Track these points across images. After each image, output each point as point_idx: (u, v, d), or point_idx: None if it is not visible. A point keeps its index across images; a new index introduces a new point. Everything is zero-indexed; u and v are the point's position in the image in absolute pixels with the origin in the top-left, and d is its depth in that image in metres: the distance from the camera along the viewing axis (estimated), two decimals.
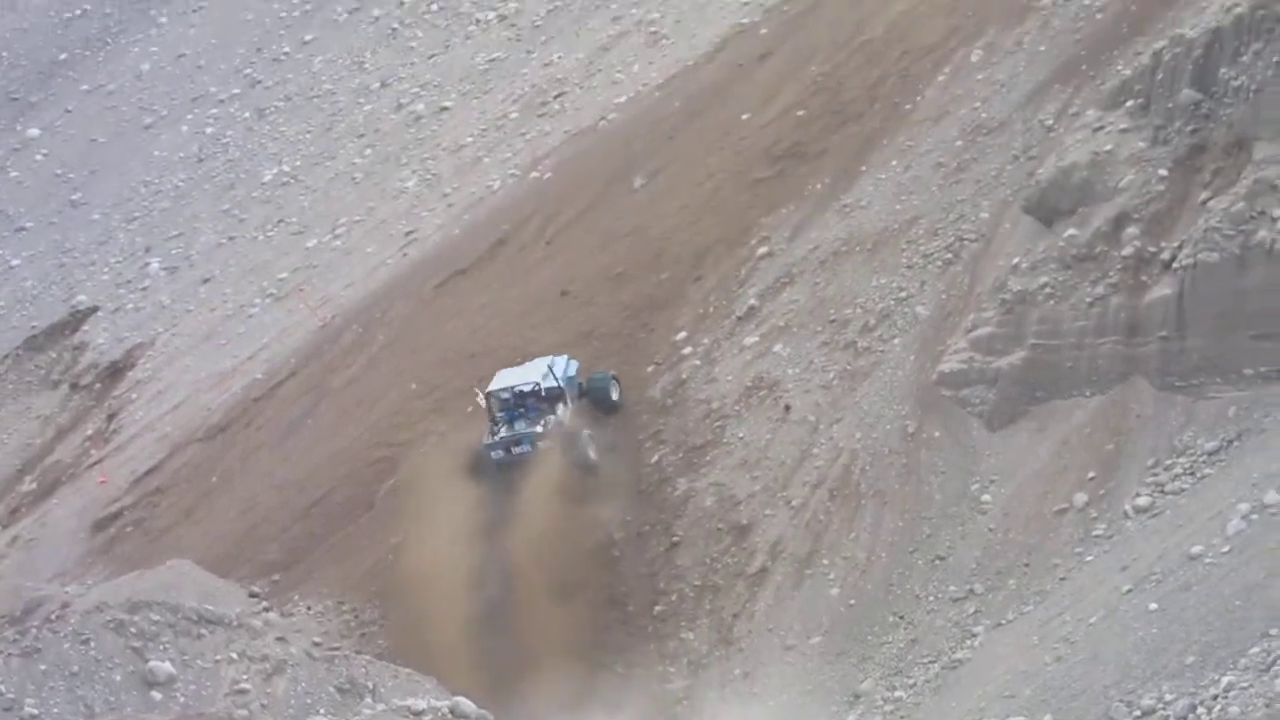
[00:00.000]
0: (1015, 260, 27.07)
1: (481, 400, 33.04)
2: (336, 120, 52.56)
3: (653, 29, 46.32)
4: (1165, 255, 24.70)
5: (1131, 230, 25.33)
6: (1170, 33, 26.22)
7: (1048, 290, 26.07)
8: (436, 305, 39.07)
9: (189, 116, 56.77)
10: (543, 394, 32.79)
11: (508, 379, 33.42)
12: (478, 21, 52.48)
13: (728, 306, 32.54)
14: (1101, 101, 27.42)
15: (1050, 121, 29.63)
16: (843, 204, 32.44)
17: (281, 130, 53.62)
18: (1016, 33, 32.72)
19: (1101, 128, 26.82)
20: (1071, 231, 26.20)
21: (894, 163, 32.38)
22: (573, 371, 33.80)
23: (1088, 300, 25.54)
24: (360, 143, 50.79)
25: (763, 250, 33.06)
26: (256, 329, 44.54)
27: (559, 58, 48.26)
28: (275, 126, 53.95)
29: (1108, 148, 26.32)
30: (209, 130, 55.66)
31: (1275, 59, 22.62)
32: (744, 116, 37.64)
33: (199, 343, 45.68)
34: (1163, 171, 25.36)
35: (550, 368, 33.16)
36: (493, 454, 32.29)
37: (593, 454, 32.39)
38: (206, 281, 48.54)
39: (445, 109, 49.61)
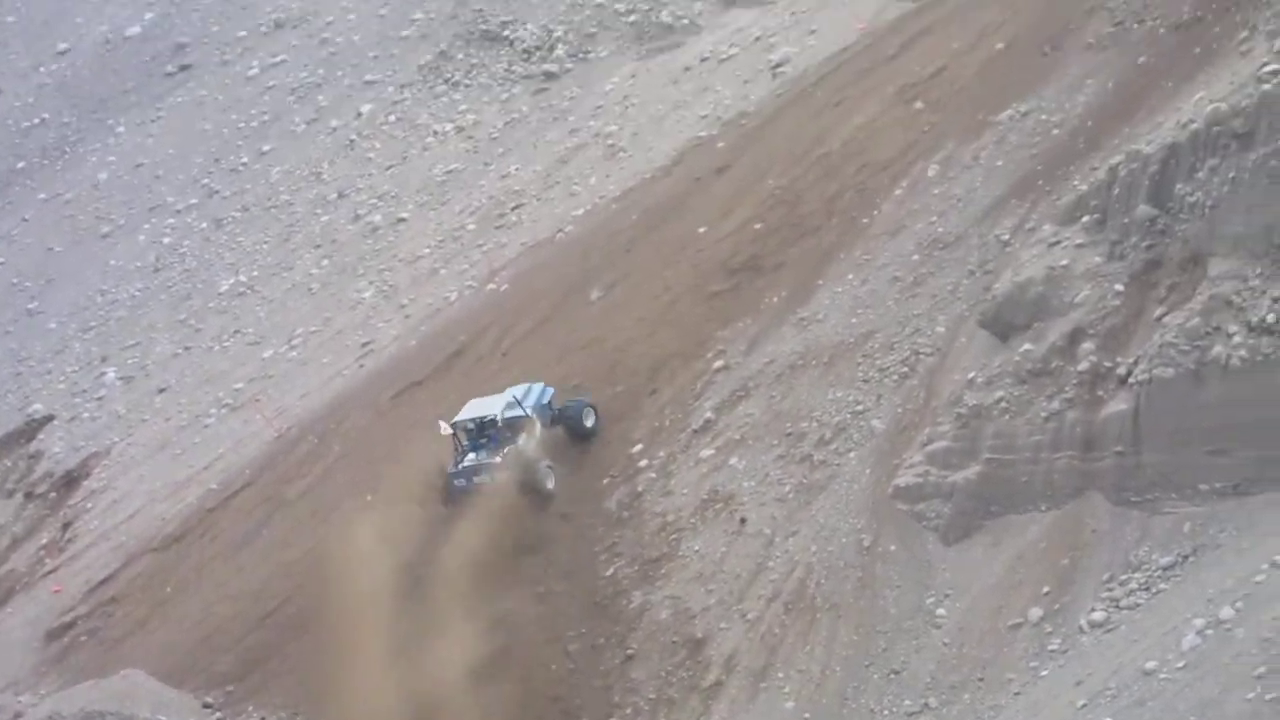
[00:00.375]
0: (971, 375, 27.03)
1: (446, 430, 33.68)
2: (294, 231, 52.49)
3: (610, 142, 46.64)
4: (1121, 370, 24.68)
5: (1087, 345, 25.31)
6: (1126, 148, 26.33)
7: (1003, 405, 26.02)
8: (392, 416, 38.90)
9: (146, 226, 56.58)
10: (501, 423, 33.56)
11: (473, 409, 34.34)
12: (435, 133, 52.72)
13: (684, 419, 32.42)
14: (1058, 217, 27.48)
15: (1007, 236, 29.74)
16: (799, 317, 32.45)
17: (239, 240, 53.46)
18: (973, 147, 32.98)
19: (1058, 243, 26.86)
20: (1027, 346, 26.18)
21: (851, 276, 32.44)
22: (546, 399, 34.70)
23: (1043, 415, 25.48)
24: (317, 253, 50.67)
25: (719, 363, 33.02)
26: (212, 439, 44.18)
27: (516, 170, 48.50)
28: (232, 236, 53.81)
29: (1064, 263, 26.35)
30: (166, 240, 55.45)
31: (1231, 175, 22.70)
32: (701, 229, 37.82)
33: (154, 452, 45.25)
34: (1118, 287, 25.37)
35: (516, 397, 34.04)
36: (455, 482, 33.05)
37: (549, 484, 33.19)
38: (162, 391, 48.15)
39: (402, 220, 49.67)
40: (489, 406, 34.37)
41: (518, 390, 34.72)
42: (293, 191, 54.29)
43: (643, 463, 32.24)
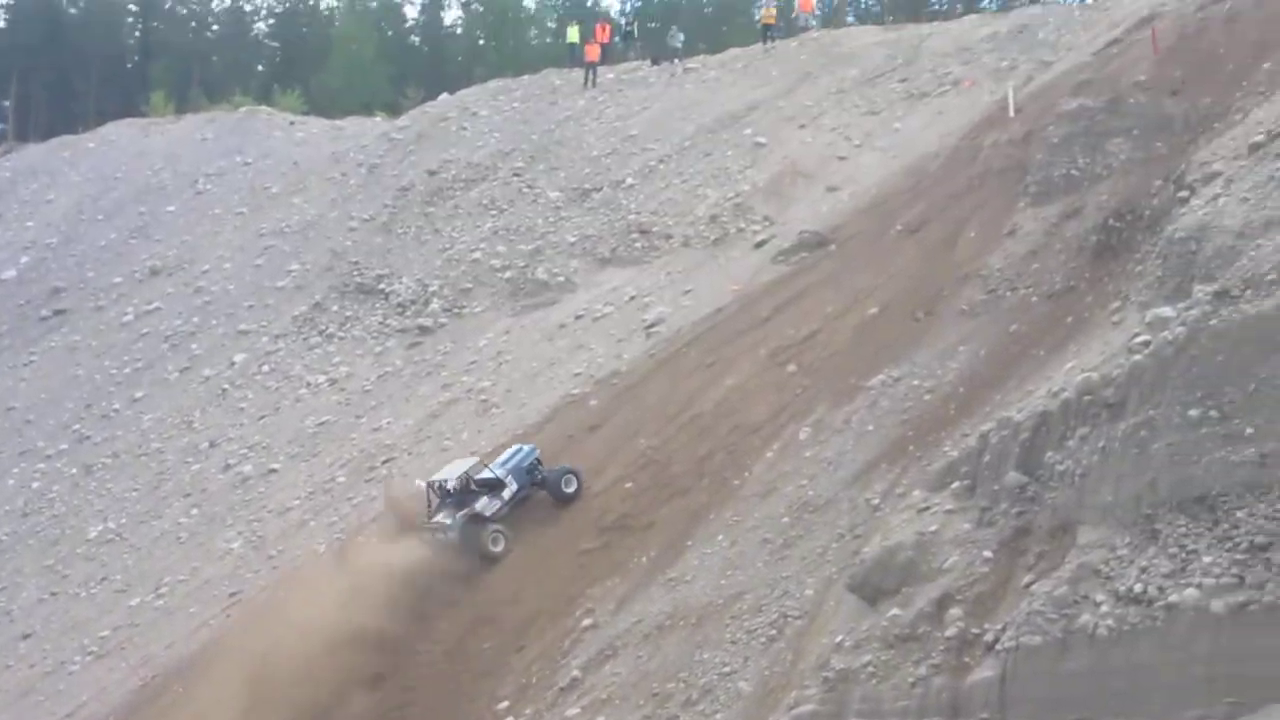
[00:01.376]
0: (839, 638, 26.60)
1: (421, 486, 38.01)
2: (164, 479, 51.78)
3: (483, 397, 46.52)
4: (988, 637, 24.33)
5: (955, 611, 25.00)
6: (997, 415, 26.41)
7: (870, 669, 25.56)
8: None
9: (15, 470, 55.87)
10: (472, 484, 37.02)
11: (450, 469, 38.09)
12: (308, 385, 52.59)
13: (550, 677, 31.71)
14: (928, 482, 27.38)
15: (877, 501, 29.65)
16: (668, 577, 32.02)
17: (108, 487, 52.68)
18: (845, 411, 33.10)
19: (927, 508, 26.70)
20: (895, 611, 25.84)
21: (720, 537, 32.14)
22: (527, 463, 37.74)
23: (910, 680, 25.03)
24: (187, 502, 49.91)
25: (587, 622, 32.45)
26: (75, 686, 42.88)
27: (388, 423, 48.22)
28: (102, 483, 53.05)
29: (933, 528, 26.16)
30: (35, 484, 54.67)
31: (1100, 444, 22.70)
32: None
33: (16, 699, 43.80)
34: (987, 553, 25.16)
35: (485, 463, 37.61)
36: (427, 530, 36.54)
37: (495, 548, 36.30)
38: (27, 637, 46.86)
39: (273, 471, 49.05)
40: (462, 466, 37.73)
41: (508, 451, 38.45)
42: (164, 439, 53.77)
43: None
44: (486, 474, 37.23)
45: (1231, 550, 19.71)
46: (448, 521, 36.64)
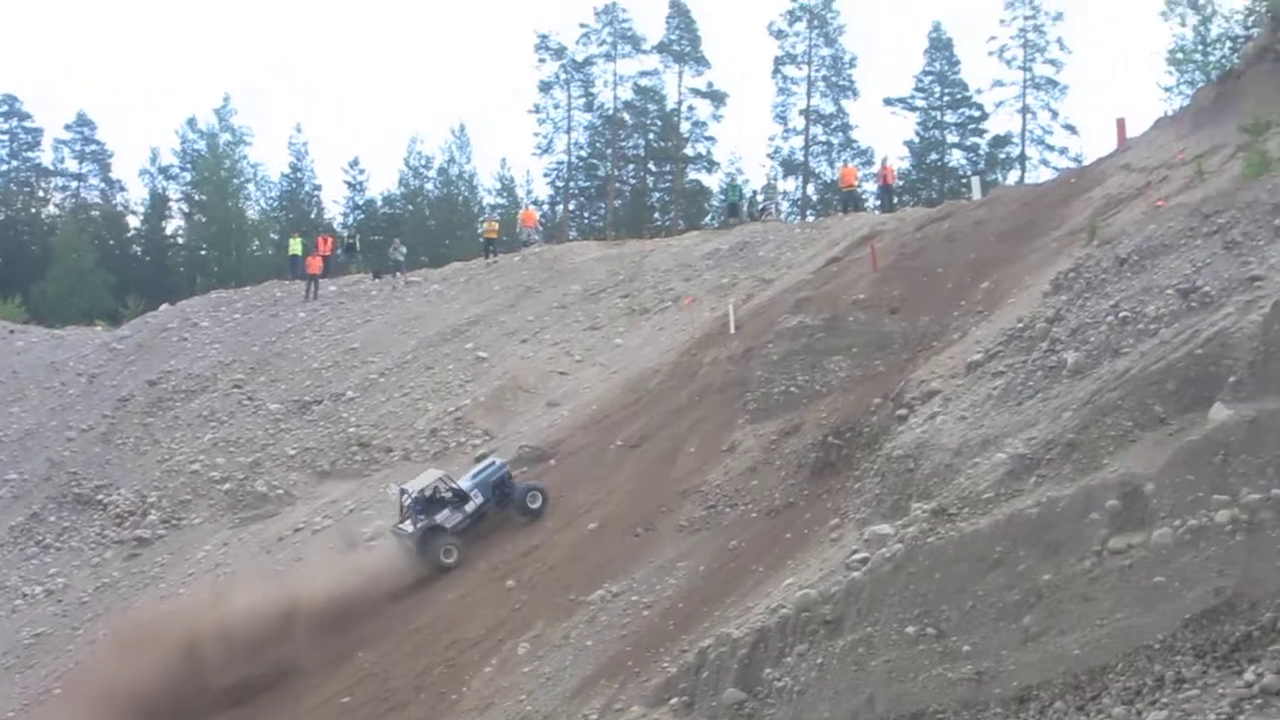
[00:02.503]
0: None
1: (394, 492, 41.55)
2: None
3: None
4: None
5: None
6: (716, 632, 26.29)
7: None
8: None
9: None
10: (440, 494, 39.83)
11: (422, 479, 40.89)
12: (25, 595, 50.62)
13: None
14: (646, 698, 27.09)
15: (595, 717, 29.08)
16: None
17: None
18: (564, 627, 32.71)
19: None
20: None
21: None
22: (495, 477, 40.72)
23: None
24: None
25: None
26: None
27: (105, 635, 46.40)
28: None
29: None
30: None
31: (819, 661, 22.67)
32: None
33: None
34: None
35: (444, 477, 40.59)
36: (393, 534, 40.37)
37: (448, 560, 38.98)
38: None
39: None
40: (432, 477, 40.68)
41: (481, 465, 41.94)
42: None
43: None
44: (454, 486, 39.99)
45: None
46: (409, 529, 39.51)
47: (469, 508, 39.76)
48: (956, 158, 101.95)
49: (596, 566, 34.73)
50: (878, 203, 76.98)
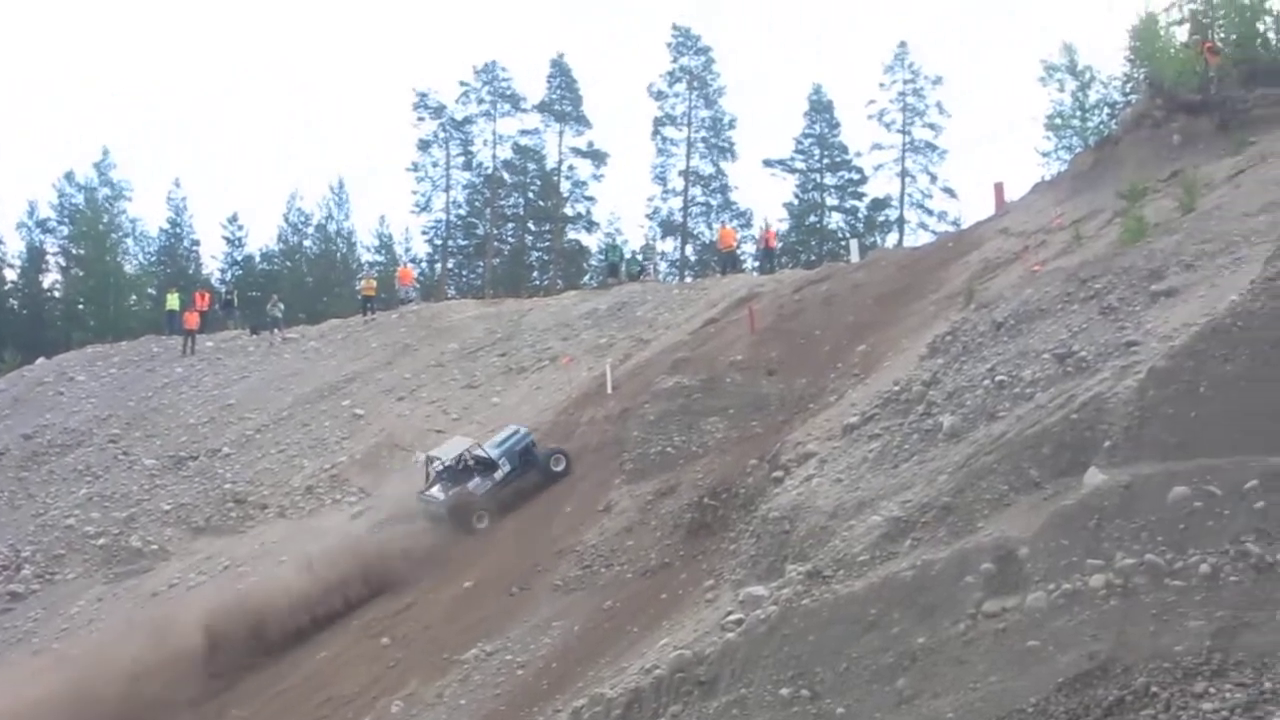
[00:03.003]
0: None
1: (421, 459, 43.11)
2: None
3: None
4: None
5: None
6: (590, 691, 26.11)
7: None
8: None
9: None
10: (466, 461, 41.09)
11: (450, 446, 42.39)
12: None
13: None
14: None
15: None
16: None
17: None
18: (438, 685, 32.37)
19: None
20: None
21: None
22: (520, 445, 41.80)
23: None
24: None
25: None
26: None
27: None
28: None
29: None
30: None
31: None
32: None
33: None
34: None
35: (473, 445, 41.64)
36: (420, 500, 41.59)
37: (478, 524, 39.91)
38: None
39: None
40: (460, 445, 41.95)
41: (504, 432, 42.84)
42: None
43: None
44: (481, 454, 41.01)
45: None
46: (439, 496, 40.81)
47: (497, 475, 40.91)
48: (835, 220, 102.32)
49: (472, 625, 34.47)
50: (756, 264, 77.27)
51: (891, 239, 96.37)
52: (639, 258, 78.73)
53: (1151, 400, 18.62)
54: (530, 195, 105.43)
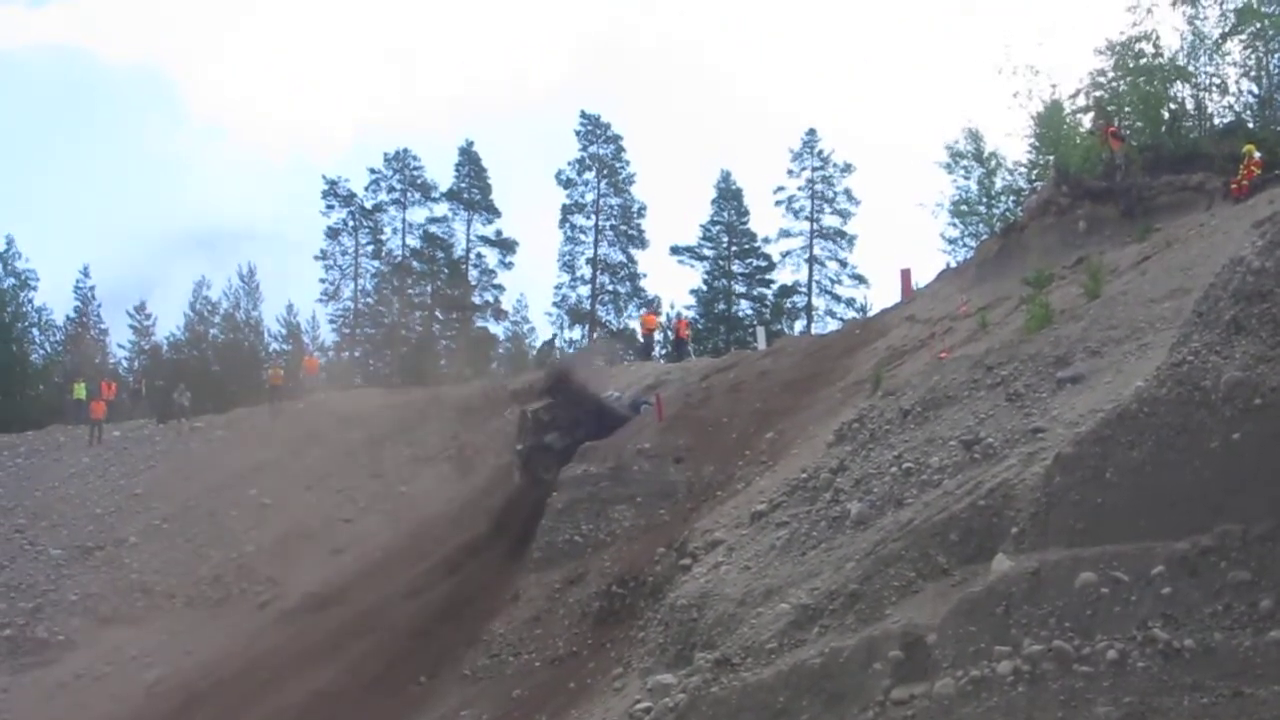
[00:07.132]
0: None
1: (516, 413, 47.86)
2: None
3: None
4: None
5: None
6: None
7: None
8: None
9: None
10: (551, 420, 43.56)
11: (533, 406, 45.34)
12: None
13: None
14: None
15: None
16: None
17: None
18: None
19: None
20: None
21: None
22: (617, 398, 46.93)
23: None
24: None
25: None
26: None
27: None
28: None
29: None
30: None
31: None
32: None
33: None
34: None
35: (551, 405, 44.31)
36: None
37: (545, 474, 41.61)
38: None
39: None
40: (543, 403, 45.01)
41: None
42: None
43: None
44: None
45: None
46: (519, 448, 44.12)
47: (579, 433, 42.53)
48: (743, 307, 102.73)
49: (377, 715, 34.09)
50: (663, 352, 77.34)
51: (799, 326, 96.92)
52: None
53: (1058, 486, 18.69)
54: (438, 283, 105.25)
